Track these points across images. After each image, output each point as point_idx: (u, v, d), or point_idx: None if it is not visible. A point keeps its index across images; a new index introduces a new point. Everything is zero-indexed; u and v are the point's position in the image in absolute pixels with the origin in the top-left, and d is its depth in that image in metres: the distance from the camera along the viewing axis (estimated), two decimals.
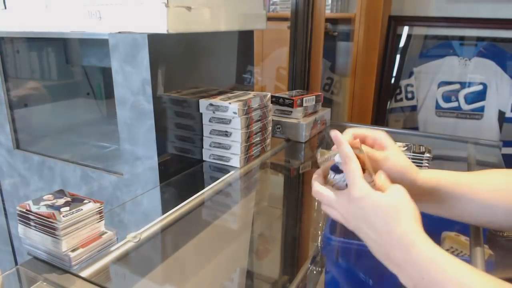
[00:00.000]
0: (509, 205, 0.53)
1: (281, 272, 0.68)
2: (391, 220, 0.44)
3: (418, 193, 0.54)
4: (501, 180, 0.56)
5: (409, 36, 1.87)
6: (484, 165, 1.07)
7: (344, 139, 0.48)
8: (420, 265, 0.41)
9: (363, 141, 0.55)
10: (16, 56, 1.33)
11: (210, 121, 0.94)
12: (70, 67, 1.53)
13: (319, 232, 0.76)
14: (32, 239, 0.58)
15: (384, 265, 0.46)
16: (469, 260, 0.58)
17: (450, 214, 0.58)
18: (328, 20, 1.92)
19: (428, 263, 0.41)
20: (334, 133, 0.49)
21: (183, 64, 1.03)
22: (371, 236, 0.46)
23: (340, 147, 0.48)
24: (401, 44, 1.88)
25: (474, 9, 1.72)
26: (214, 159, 0.97)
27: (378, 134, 0.55)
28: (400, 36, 1.88)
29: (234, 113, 0.90)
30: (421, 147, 0.92)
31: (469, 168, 1.00)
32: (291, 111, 1.15)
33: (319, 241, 0.72)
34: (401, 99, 1.90)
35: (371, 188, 0.46)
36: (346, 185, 0.48)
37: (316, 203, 0.91)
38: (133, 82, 0.92)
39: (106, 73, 1.52)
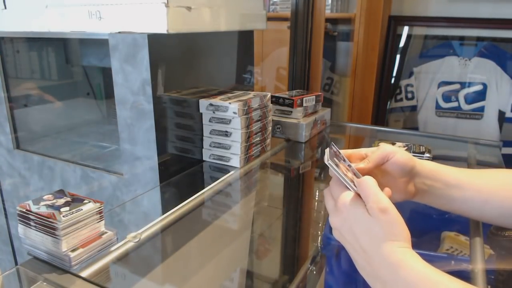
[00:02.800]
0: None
1: (281, 272, 0.68)
2: (376, 236, 0.43)
3: (419, 181, 0.56)
4: (505, 177, 0.56)
5: (409, 36, 1.87)
6: (484, 165, 1.07)
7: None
8: (410, 282, 0.40)
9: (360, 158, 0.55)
10: (16, 56, 1.33)
11: (210, 121, 0.94)
12: (70, 67, 1.53)
13: (319, 232, 0.76)
14: (32, 239, 0.58)
15: (367, 281, 0.45)
16: (469, 260, 0.58)
17: (452, 207, 0.58)
18: (328, 20, 1.92)
19: (421, 280, 0.39)
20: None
21: (183, 64, 1.03)
22: (356, 250, 0.45)
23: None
24: (401, 44, 1.88)
25: (474, 9, 1.72)
26: (214, 159, 0.97)
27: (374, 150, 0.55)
28: (400, 36, 1.88)
29: (234, 113, 0.90)
30: (421, 147, 0.92)
31: (469, 168, 1.00)
32: (291, 111, 1.15)
33: (319, 241, 0.72)
34: (401, 99, 1.90)
35: (356, 198, 0.45)
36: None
37: (316, 203, 0.91)
38: (133, 82, 0.92)
39: (106, 73, 1.52)
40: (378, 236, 0.43)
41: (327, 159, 0.47)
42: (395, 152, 0.55)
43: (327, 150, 0.49)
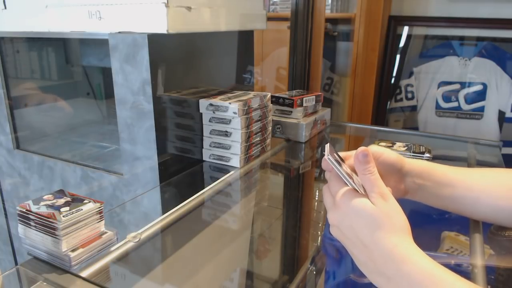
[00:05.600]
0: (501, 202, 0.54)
1: (281, 272, 0.68)
2: (377, 229, 0.43)
3: (410, 180, 0.57)
4: (496, 176, 0.57)
5: (409, 36, 1.87)
6: (484, 165, 1.07)
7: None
8: (414, 278, 0.39)
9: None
10: (16, 56, 1.33)
11: (210, 121, 0.94)
12: (70, 67, 1.53)
13: (319, 232, 0.76)
14: (32, 239, 0.58)
15: (368, 277, 0.44)
16: (469, 260, 0.58)
17: (444, 205, 0.58)
18: (328, 20, 1.92)
19: (425, 276, 0.39)
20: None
21: (183, 64, 1.03)
22: (357, 246, 0.45)
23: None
24: (401, 44, 1.88)
25: (474, 9, 1.72)
26: (214, 159, 0.97)
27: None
28: (400, 36, 1.88)
29: (234, 113, 0.90)
30: (421, 147, 0.92)
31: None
32: (291, 111, 1.15)
33: (319, 241, 0.72)
34: (401, 99, 1.90)
35: (355, 193, 0.45)
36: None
37: (316, 203, 0.91)
38: (133, 82, 0.92)
39: (106, 73, 1.53)
40: (379, 228, 0.42)
41: (327, 154, 0.47)
42: (382, 152, 0.55)
43: (327, 146, 0.49)
